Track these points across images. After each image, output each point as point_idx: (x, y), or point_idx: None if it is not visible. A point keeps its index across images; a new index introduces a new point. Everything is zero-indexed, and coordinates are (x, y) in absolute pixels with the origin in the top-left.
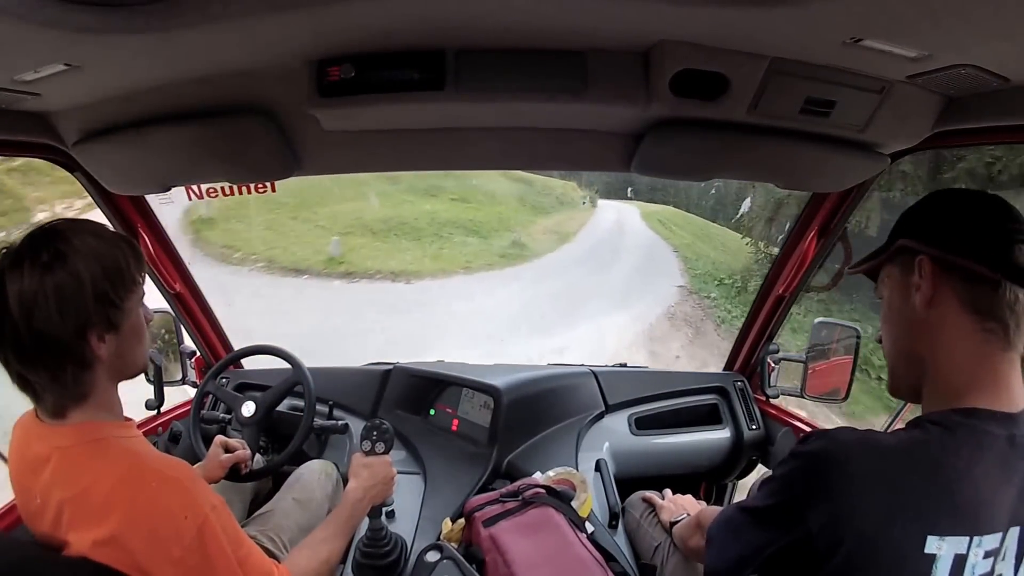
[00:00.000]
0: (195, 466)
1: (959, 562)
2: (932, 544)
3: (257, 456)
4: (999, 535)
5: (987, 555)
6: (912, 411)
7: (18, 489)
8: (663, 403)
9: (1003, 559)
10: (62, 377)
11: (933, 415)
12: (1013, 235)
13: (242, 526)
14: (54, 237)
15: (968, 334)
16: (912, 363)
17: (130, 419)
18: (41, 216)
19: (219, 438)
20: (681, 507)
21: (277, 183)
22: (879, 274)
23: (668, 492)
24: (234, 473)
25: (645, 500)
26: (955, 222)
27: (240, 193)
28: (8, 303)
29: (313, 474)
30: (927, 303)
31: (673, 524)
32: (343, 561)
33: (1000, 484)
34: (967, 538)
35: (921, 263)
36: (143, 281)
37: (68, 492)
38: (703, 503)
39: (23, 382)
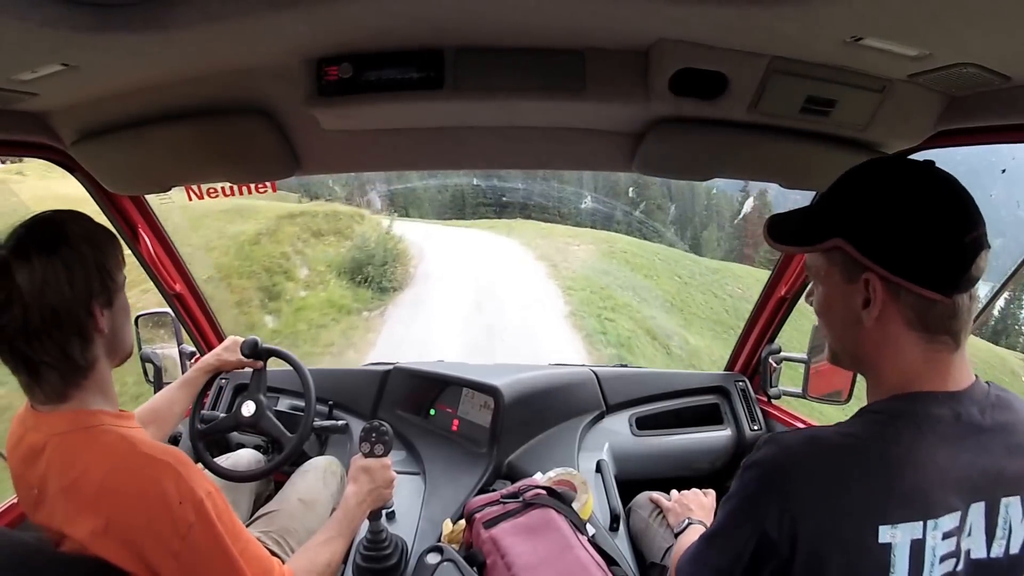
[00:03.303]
0: (213, 352)
1: (917, 546)
2: (885, 534)
3: (258, 455)
4: (957, 514)
5: (946, 535)
6: None
7: (17, 481)
8: (664, 403)
9: (968, 535)
10: (70, 350)
11: (875, 404)
12: (972, 247)
13: (246, 527)
14: (51, 224)
15: (915, 345)
16: (856, 361)
17: (127, 413)
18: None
19: (230, 339)
20: (686, 508)
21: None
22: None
23: (675, 493)
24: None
25: (652, 501)
26: (907, 238)
27: (241, 193)
28: (19, 288)
29: (318, 472)
30: (875, 320)
31: (676, 535)
32: (343, 562)
33: (949, 464)
34: (920, 522)
35: (870, 282)
36: (124, 264)
37: (63, 481)
38: (711, 492)
39: (28, 365)
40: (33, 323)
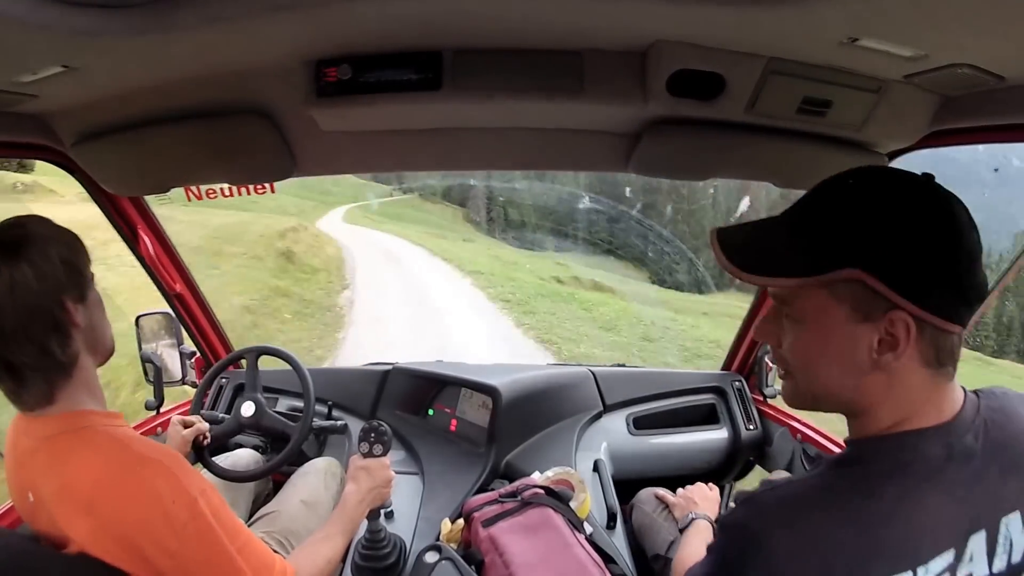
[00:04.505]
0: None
1: None
2: None
3: (257, 455)
4: (951, 551)
5: (940, 573)
6: None
7: (13, 488)
8: (661, 403)
9: (970, 561)
10: (49, 347)
11: (857, 446)
12: (983, 270)
13: (248, 526)
14: (11, 227)
15: (924, 382)
16: (843, 404)
17: (116, 413)
18: None
19: (175, 416)
20: (691, 501)
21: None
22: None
23: (680, 490)
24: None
25: (658, 497)
26: (937, 267)
27: (240, 194)
28: None
29: (319, 474)
30: (895, 360)
31: (681, 530)
32: (342, 560)
33: (941, 507)
34: (909, 572)
35: (899, 321)
36: (91, 262)
37: (55, 484)
38: (714, 488)
39: (9, 369)
40: (8, 326)
